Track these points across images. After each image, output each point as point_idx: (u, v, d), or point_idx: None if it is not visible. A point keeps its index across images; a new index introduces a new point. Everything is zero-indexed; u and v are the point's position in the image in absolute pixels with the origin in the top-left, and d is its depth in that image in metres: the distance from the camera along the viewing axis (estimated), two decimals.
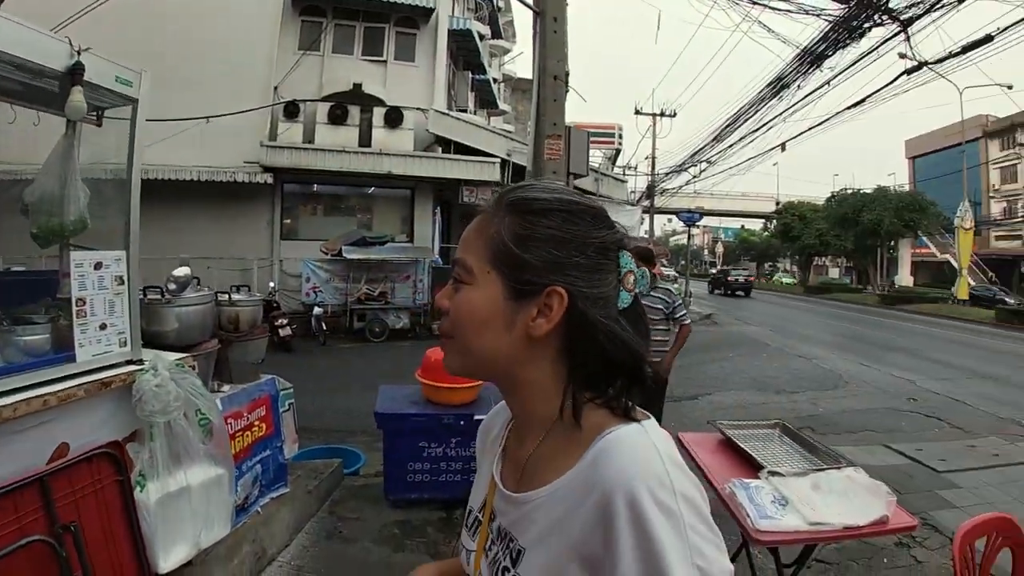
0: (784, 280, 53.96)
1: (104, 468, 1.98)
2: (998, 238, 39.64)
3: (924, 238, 38.03)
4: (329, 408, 7.24)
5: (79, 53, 2.05)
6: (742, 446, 2.95)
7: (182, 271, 2.88)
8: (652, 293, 5.04)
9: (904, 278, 42.28)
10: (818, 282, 44.56)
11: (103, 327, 2.17)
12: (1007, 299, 25.37)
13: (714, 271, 50.89)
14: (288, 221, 16.14)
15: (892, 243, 37.45)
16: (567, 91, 6.22)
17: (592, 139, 11.81)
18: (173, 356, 2.38)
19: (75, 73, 2.02)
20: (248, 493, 3.11)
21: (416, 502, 4.05)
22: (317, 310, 13.52)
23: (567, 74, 6.16)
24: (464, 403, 4.06)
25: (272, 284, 13.85)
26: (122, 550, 2.05)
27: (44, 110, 2.39)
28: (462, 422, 3.95)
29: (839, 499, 2.36)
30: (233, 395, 3.12)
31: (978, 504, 4.69)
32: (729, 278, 37.43)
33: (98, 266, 2.14)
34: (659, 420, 2.85)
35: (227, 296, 3.18)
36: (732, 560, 3.20)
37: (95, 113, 2.42)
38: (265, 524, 3.28)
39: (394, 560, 3.48)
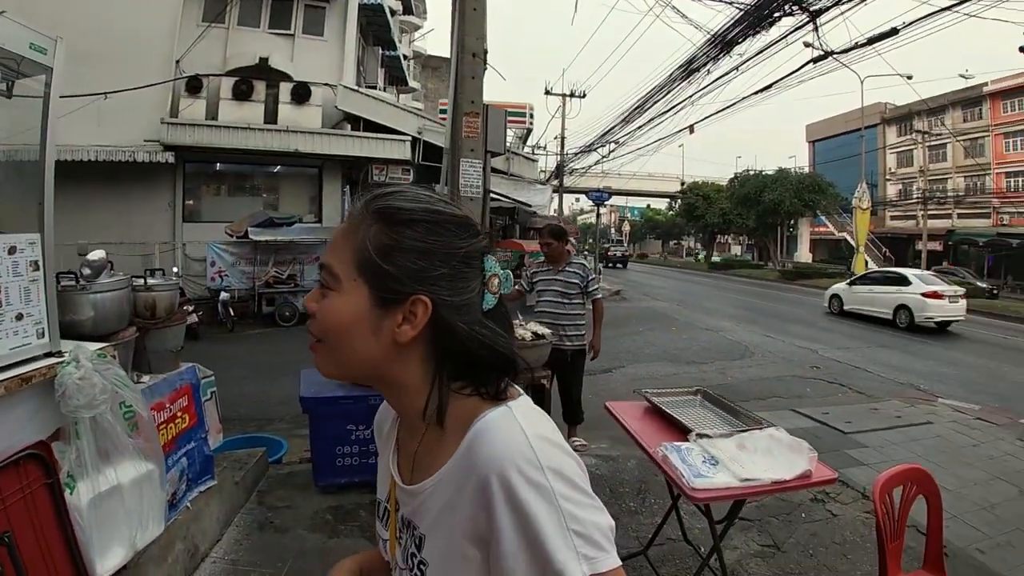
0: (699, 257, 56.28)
1: (32, 471, 1.81)
2: (893, 218, 42.36)
3: (823, 217, 40.43)
4: (243, 396, 7.00)
5: None
6: (669, 412, 3.07)
7: (96, 255, 2.66)
8: (568, 268, 5.15)
9: (803, 255, 44.87)
10: (721, 259, 46.53)
11: (19, 317, 1.97)
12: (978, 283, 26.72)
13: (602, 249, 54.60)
14: (191, 202, 15.40)
15: (792, 222, 39.62)
16: (485, 69, 6.15)
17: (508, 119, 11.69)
18: (94, 346, 2.21)
19: None
20: (176, 488, 2.95)
21: (346, 486, 3.98)
22: (224, 295, 12.98)
23: (485, 52, 6.09)
24: None
25: (175, 269, 13.15)
26: (57, 558, 1.89)
27: None
28: None
29: (764, 457, 2.51)
30: (154, 385, 2.92)
31: (884, 461, 5.02)
32: (609, 253, 44.11)
33: (12, 251, 1.94)
34: (579, 392, 3.73)
35: (143, 281, 2.98)
36: (663, 522, 3.38)
37: (5, 84, 2.18)
38: (196, 520, 3.13)
39: (329, 546, 3.42)
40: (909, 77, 29.88)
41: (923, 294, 14.67)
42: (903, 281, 15.55)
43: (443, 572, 0.81)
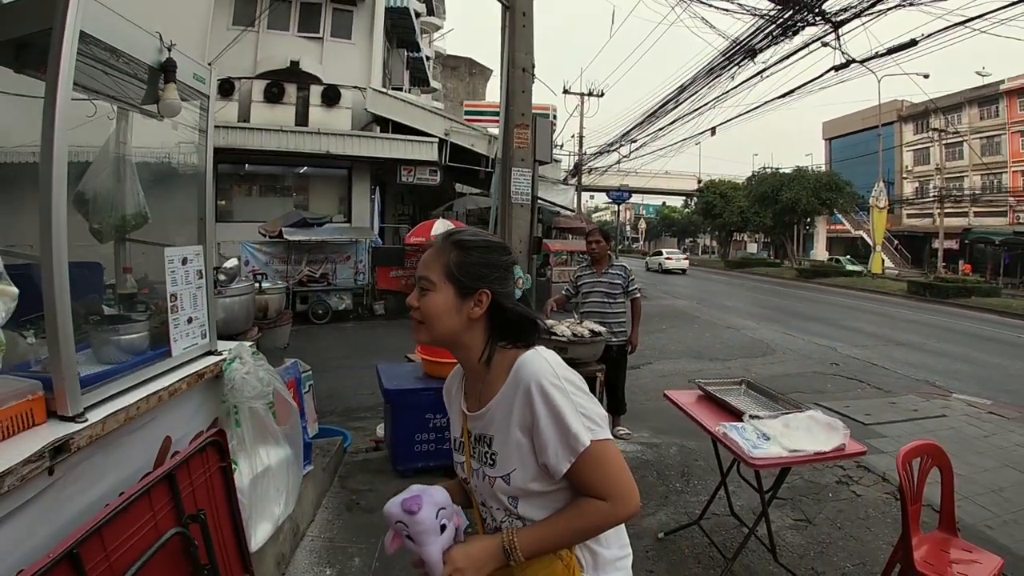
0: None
1: (211, 456, 2.06)
2: (910, 216, 42.19)
3: (839, 216, 40.24)
4: None
5: (169, 49, 2.09)
6: (722, 398, 3.57)
7: (231, 263, 2.94)
8: (611, 271, 5.45)
9: (819, 253, 44.65)
10: (738, 257, 46.33)
11: (190, 321, 2.23)
12: None
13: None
14: (223, 202, 15.63)
15: (809, 220, 39.44)
16: (533, 82, 6.38)
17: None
18: (248, 345, 2.47)
19: (168, 70, 2.06)
20: None
21: (423, 470, 4.23)
22: None
23: (533, 66, 6.31)
24: None
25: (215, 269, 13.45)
26: (226, 534, 2.13)
27: (124, 105, 2.39)
28: None
29: (806, 433, 2.97)
30: None
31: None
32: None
33: (184, 261, 2.20)
34: (623, 384, 4.61)
35: (258, 285, 3.25)
36: (713, 496, 3.79)
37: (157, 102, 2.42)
38: (298, 502, 3.39)
39: None
40: (926, 76, 29.79)
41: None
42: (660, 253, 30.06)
43: (505, 456, 1.29)
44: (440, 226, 14.01)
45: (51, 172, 1.52)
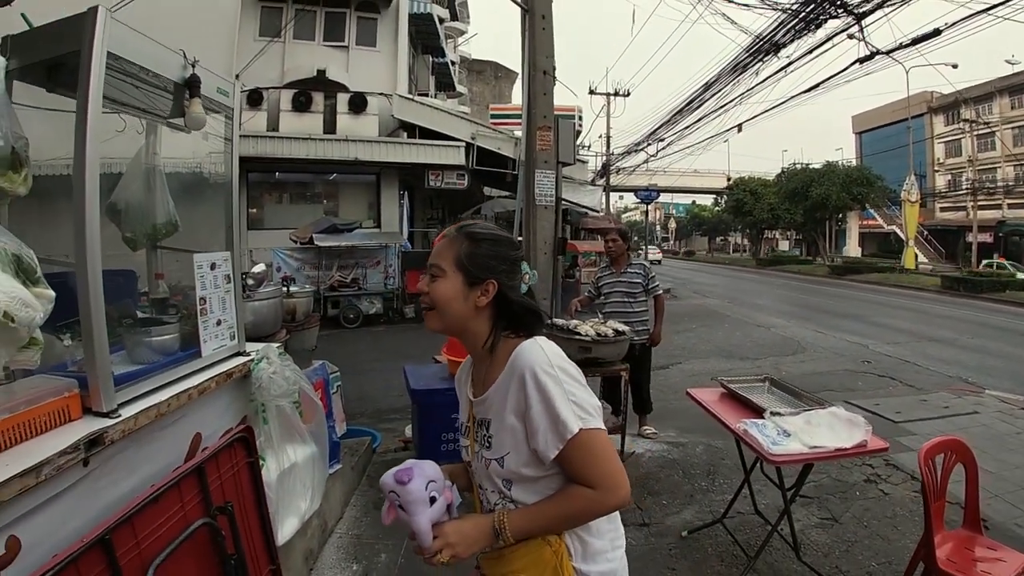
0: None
1: (239, 452, 2.16)
2: (943, 209, 41.32)
3: (871, 210, 39.50)
4: None
5: (193, 65, 2.20)
6: (744, 395, 3.59)
7: (259, 268, 3.05)
8: (629, 270, 5.50)
9: (852, 249, 43.76)
10: (769, 255, 45.77)
11: (219, 323, 2.33)
12: None
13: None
14: (254, 210, 15.96)
15: (841, 216, 38.81)
16: (554, 84, 6.43)
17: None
18: (275, 346, 2.57)
19: (192, 86, 2.16)
20: None
21: None
22: None
23: (554, 68, 6.36)
24: None
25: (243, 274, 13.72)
26: (253, 526, 2.23)
27: (153, 118, 2.50)
28: None
29: (827, 430, 2.96)
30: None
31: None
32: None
33: (213, 266, 2.31)
34: (648, 384, 4.66)
35: (286, 289, 3.36)
36: (736, 494, 3.79)
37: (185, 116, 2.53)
38: (326, 499, 3.49)
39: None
40: (954, 66, 29.15)
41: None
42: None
43: (500, 439, 1.36)
44: None
45: (84, 185, 1.62)
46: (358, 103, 15.56)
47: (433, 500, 1.35)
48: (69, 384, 1.69)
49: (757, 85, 14.13)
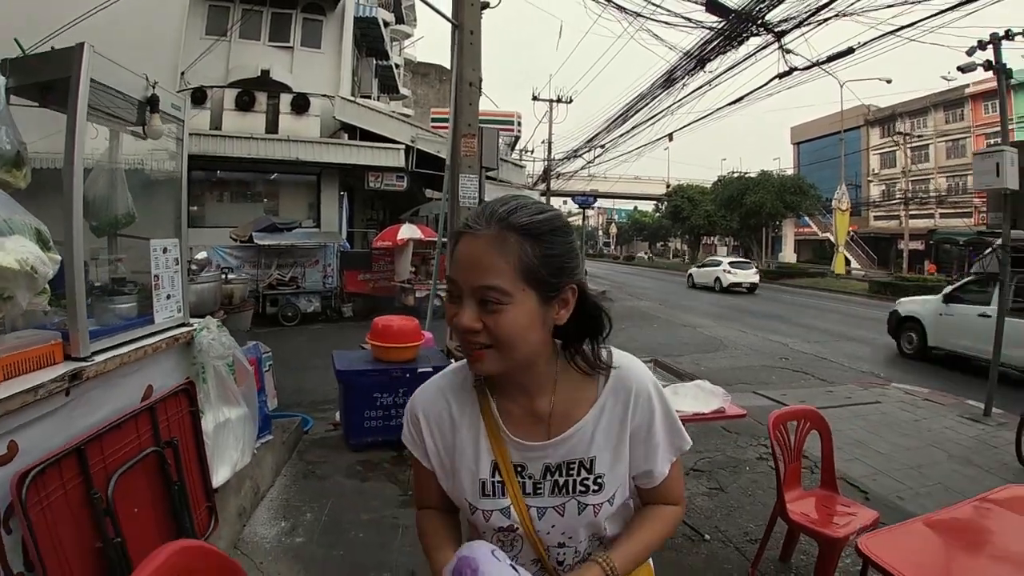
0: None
1: (183, 401, 2.68)
2: (877, 218, 43.24)
3: (806, 218, 41.10)
4: None
5: (153, 87, 2.70)
6: None
7: (201, 255, 3.55)
8: None
9: (788, 255, 45.36)
10: (706, 260, 47.18)
11: (168, 297, 2.84)
12: None
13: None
14: (195, 208, 15.99)
15: (777, 223, 40.25)
16: (480, 95, 7.00)
17: (493, 125, 12.48)
18: (213, 319, 3.08)
19: (153, 103, 2.68)
20: None
21: (372, 444, 4.83)
22: None
23: (480, 81, 6.93)
24: (407, 360, 4.93)
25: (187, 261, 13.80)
26: (192, 464, 2.74)
27: (117, 126, 2.97)
28: (407, 374, 4.82)
29: (691, 399, 3.57)
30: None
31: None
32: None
33: (165, 250, 2.82)
34: None
35: (224, 276, 3.86)
36: None
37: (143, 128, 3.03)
38: (259, 465, 3.98)
39: (364, 487, 4.27)
40: (888, 81, 30.90)
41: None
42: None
43: (614, 475, 1.15)
44: (407, 230, 14.56)
45: (72, 182, 2.14)
46: (301, 104, 15.89)
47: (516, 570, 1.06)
48: (55, 335, 2.19)
49: (684, 97, 14.99)
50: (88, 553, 2.06)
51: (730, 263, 27.10)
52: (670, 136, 20.65)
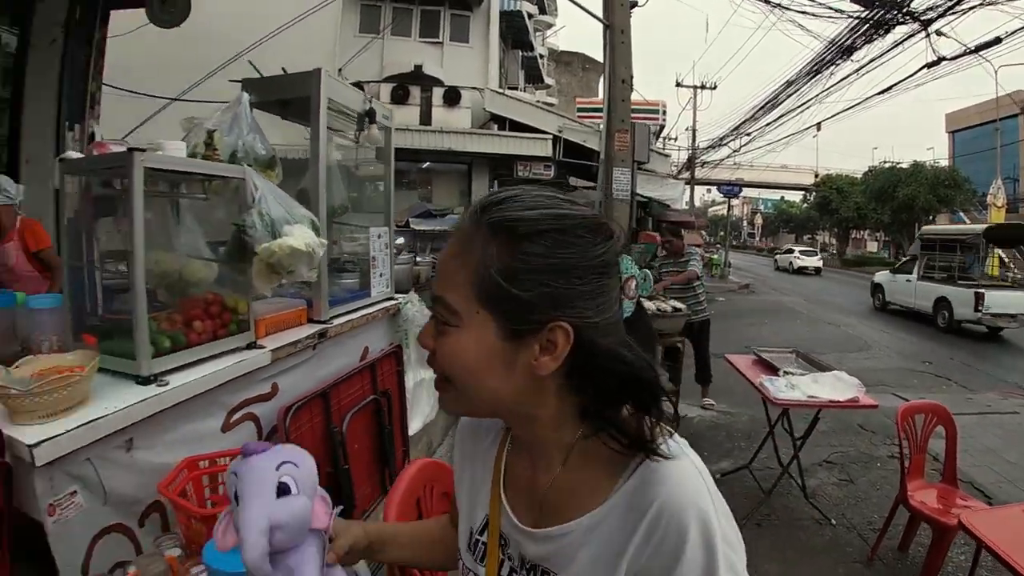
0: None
1: (392, 361, 3.22)
2: None
3: (961, 214, 37.70)
4: None
5: (370, 101, 3.24)
6: (767, 358, 4.60)
7: (399, 241, 4.13)
8: (684, 258, 6.52)
9: None
10: (855, 255, 44.40)
11: (381, 275, 3.42)
12: None
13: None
14: (354, 194, 17.21)
15: (930, 217, 37.23)
16: (631, 91, 7.26)
17: (638, 115, 12.56)
18: (415, 295, 3.67)
19: (371, 115, 3.21)
20: None
21: None
22: None
23: (632, 77, 7.19)
24: None
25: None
26: (397, 413, 3.27)
27: (335, 133, 3.57)
28: None
29: (828, 388, 3.78)
30: None
31: (962, 437, 5.63)
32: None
33: (379, 236, 3.39)
34: (707, 355, 6.15)
35: (414, 258, 4.45)
36: (761, 445, 4.70)
37: (357, 135, 3.60)
38: (434, 423, 4.53)
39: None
40: None
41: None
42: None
43: None
44: None
45: (319, 180, 2.73)
46: (452, 96, 16.62)
47: (282, 488, 0.92)
48: (300, 303, 2.78)
49: (832, 87, 14.44)
50: (324, 476, 2.61)
51: (800, 251, 37.23)
52: (818, 126, 19.78)
